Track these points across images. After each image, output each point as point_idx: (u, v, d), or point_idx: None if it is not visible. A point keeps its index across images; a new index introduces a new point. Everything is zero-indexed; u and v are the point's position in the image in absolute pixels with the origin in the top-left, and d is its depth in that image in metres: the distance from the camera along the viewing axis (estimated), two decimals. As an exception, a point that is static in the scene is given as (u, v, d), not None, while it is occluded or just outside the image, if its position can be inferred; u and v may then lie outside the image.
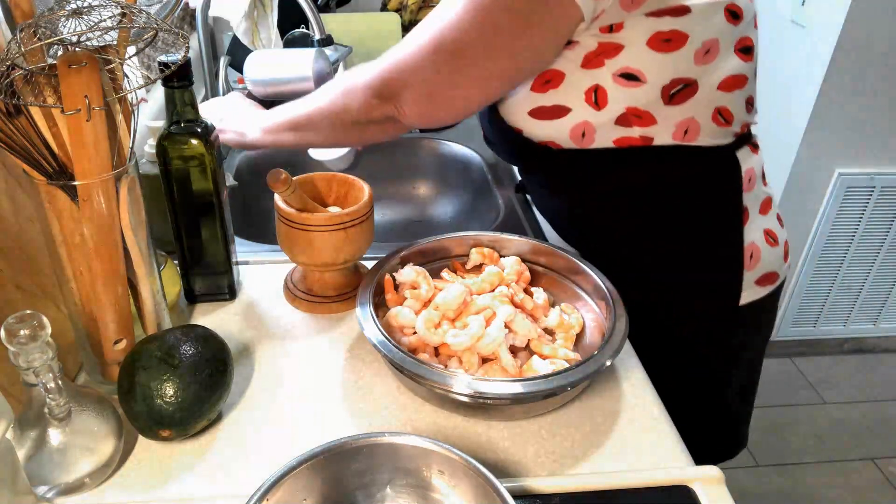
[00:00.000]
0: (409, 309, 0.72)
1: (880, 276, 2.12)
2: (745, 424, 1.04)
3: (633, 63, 0.72)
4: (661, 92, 0.73)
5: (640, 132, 0.76)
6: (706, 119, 0.76)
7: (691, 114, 0.75)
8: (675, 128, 0.76)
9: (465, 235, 0.83)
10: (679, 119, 0.75)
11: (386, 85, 0.77)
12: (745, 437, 1.04)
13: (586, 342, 0.74)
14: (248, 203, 1.16)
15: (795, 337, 2.23)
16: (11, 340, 0.50)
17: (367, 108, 0.79)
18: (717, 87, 0.75)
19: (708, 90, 0.75)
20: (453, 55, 0.72)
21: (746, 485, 1.83)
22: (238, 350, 0.75)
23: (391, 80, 0.76)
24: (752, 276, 0.86)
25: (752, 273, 0.86)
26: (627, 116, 0.75)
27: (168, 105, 0.71)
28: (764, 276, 0.87)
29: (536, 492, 0.59)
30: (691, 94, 0.74)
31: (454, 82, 0.75)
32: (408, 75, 0.75)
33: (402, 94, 0.76)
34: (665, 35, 0.71)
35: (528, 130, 0.81)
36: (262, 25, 1.34)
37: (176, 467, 0.61)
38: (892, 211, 2.00)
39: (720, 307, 0.87)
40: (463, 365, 0.68)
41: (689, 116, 0.75)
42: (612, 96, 0.74)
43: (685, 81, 0.74)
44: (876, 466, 1.90)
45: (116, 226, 0.61)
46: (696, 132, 0.76)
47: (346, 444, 0.54)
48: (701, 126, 0.76)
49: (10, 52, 0.52)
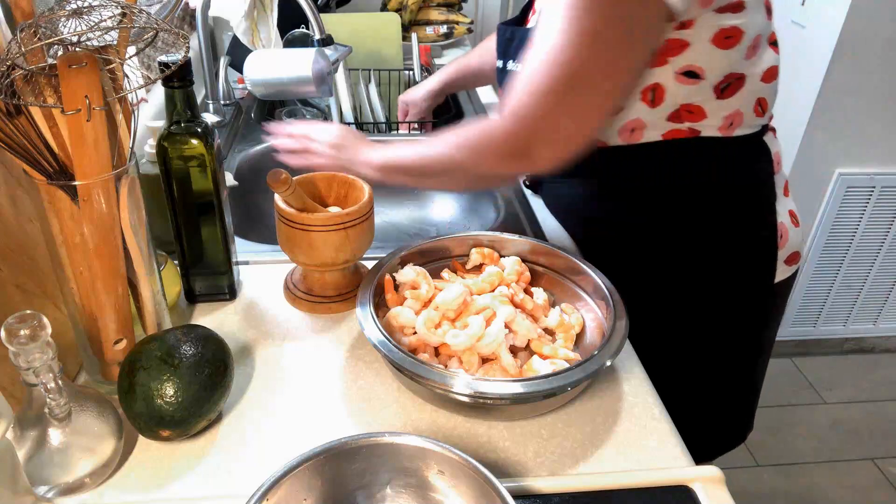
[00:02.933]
0: (409, 309, 0.72)
1: (880, 276, 2.12)
2: (754, 412, 1.07)
3: (696, 61, 0.73)
4: (714, 87, 0.75)
5: (690, 126, 0.78)
6: (749, 110, 0.79)
7: (738, 106, 0.77)
8: (723, 121, 0.77)
9: (465, 235, 0.83)
10: (727, 112, 0.77)
11: (517, 144, 0.72)
12: (751, 426, 1.07)
13: (586, 342, 0.74)
14: (248, 203, 1.16)
15: (795, 337, 2.23)
16: (11, 340, 0.50)
17: (499, 167, 0.75)
18: (760, 79, 0.77)
19: (753, 83, 0.77)
20: (573, 89, 0.68)
21: (746, 485, 1.83)
22: (238, 350, 0.75)
23: (523, 137, 0.72)
24: (783, 254, 0.89)
25: (783, 251, 0.89)
26: (680, 112, 0.76)
27: (168, 105, 0.71)
28: (791, 256, 0.90)
29: (536, 492, 0.59)
30: (739, 88, 0.76)
31: (582, 117, 0.71)
32: (540, 127, 0.70)
33: (536, 149, 0.72)
34: (727, 32, 0.72)
35: None
36: (262, 25, 1.34)
37: (176, 467, 0.61)
38: (892, 211, 2.00)
39: (758, 285, 0.90)
40: (463, 365, 0.68)
41: (735, 109, 0.77)
42: (670, 94, 0.75)
43: (736, 76, 0.75)
44: (876, 466, 1.90)
45: (116, 226, 0.61)
46: (739, 123, 0.79)
47: (346, 444, 0.54)
48: (744, 117, 0.78)
49: (11, 52, 0.52)
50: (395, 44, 1.64)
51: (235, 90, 1.43)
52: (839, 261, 2.08)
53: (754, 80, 0.77)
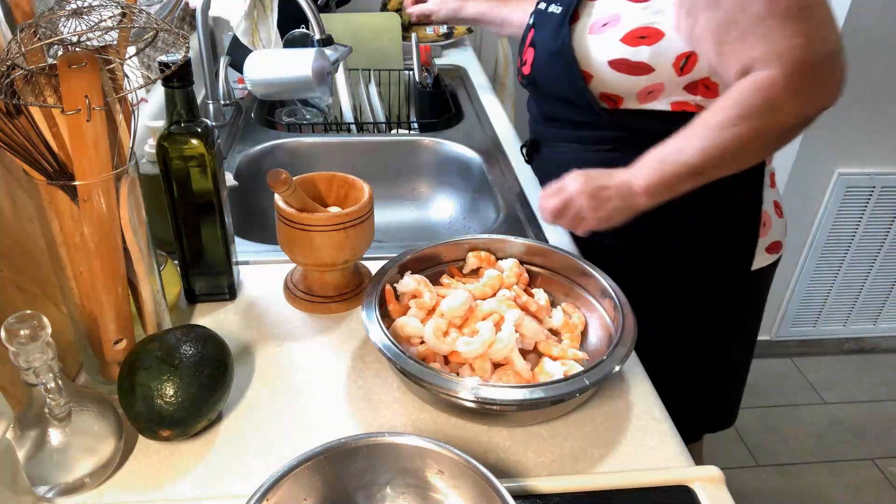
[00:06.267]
0: (415, 318, 0.72)
1: (880, 276, 2.12)
2: (739, 396, 1.10)
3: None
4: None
5: (699, 101, 0.79)
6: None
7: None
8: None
9: (460, 240, 0.82)
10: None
11: (809, 78, 0.70)
12: (737, 409, 1.10)
13: (590, 341, 0.74)
14: (248, 203, 1.16)
15: (795, 337, 2.23)
16: (11, 340, 0.50)
17: (803, 111, 0.73)
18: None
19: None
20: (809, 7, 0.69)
21: (746, 485, 1.83)
22: (238, 350, 0.75)
23: (811, 69, 0.70)
24: (764, 242, 0.91)
25: (764, 240, 0.91)
26: (698, 84, 0.77)
27: (168, 105, 0.71)
28: (773, 245, 0.92)
29: (536, 492, 0.59)
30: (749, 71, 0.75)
31: (826, 24, 0.71)
32: (819, 52, 0.70)
33: (826, 77, 0.71)
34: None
35: (598, 79, 0.80)
36: (262, 25, 1.34)
37: (176, 467, 0.61)
38: (892, 211, 2.00)
39: (737, 269, 0.92)
40: (476, 372, 0.68)
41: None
42: (701, 65, 0.75)
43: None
44: (876, 466, 1.90)
45: (116, 226, 0.61)
46: None
47: (346, 444, 0.54)
48: None
49: (11, 52, 0.52)
50: (395, 44, 1.64)
51: (235, 90, 1.43)
52: (839, 261, 2.08)
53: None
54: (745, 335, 1.02)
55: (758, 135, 0.73)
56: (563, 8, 0.87)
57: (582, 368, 0.66)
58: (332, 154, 1.30)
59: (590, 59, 0.81)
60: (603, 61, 0.80)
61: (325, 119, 1.48)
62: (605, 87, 0.82)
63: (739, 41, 0.71)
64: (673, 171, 0.75)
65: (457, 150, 1.28)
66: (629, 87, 0.80)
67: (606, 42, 0.79)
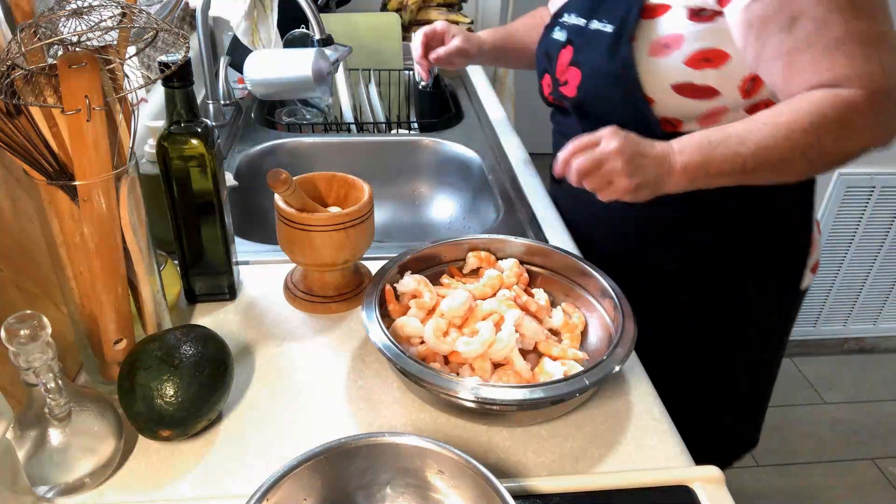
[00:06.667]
0: (415, 318, 0.72)
1: (880, 276, 2.12)
2: (765, 412, 1.08)
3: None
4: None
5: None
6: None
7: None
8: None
9: (460, 240, 0.82)
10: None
11: (887, 104, 0.68)
12: (760, 423, 1.09)
13: (590, 341, 0.74)
14: (248, 203, 1.16)
15: (795, 337, 2.23)
16: (11, 340, 0.50)
17: (872, 139, 0.71)
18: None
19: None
20: (877, 18, 0.68)
21: (746, 485, 1.83)
22: (238, 350, 0.75)
23: (889, 95, 0.68)
24: (810, 262, 0.89)
25: (811, 259, 0.89)
26: (759, 106, 0.75)
27: (168, 105, 0.71)
28: (815, 264, 0.90)
29: (536, 492, 0.59)
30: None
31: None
32: (893, 78, 0.68)
33: (892, 110, 0.69)
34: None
35: (661, 104, 0.77)
36: (262, 25, 1.34)
37: (176, 467, 0.61)
38: (892, 211, 2.00)
39: (789, 290, 0.89)
40: (476, 372, 0.68)
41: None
42: (764, 87, 0.74)
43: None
44: (876, 466, 1.90)
45: (116, 226, 0.61)
46: None
47: (346, 444, 0.54)
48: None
49: (11, 52, 0.52)
50: (395, 44, 1.64)
51: (235, 90, 1.43)
52: (839, 261, 2.08)
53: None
54: (783, 354, 1.00)
55: (821, 149, 0.69)
56: (614, 27, 0.80)
57: (582, 368, 0.66)
58: (332, 154, 1.30)
59: (652, 83, 0.76)
60: (666, 85, 0.76)
61: (325, 119, 1.48)
62: (666, 111, 0.78)
63: (813, 64, 0.68)
64: (722, 157, 0.69)
65: (457, 150, 1.28)
66: (692, 111, 0.77)
67: (670, 65, 0.75)
